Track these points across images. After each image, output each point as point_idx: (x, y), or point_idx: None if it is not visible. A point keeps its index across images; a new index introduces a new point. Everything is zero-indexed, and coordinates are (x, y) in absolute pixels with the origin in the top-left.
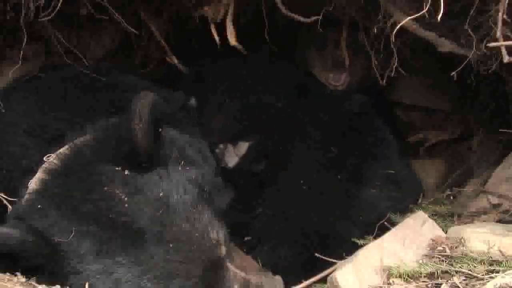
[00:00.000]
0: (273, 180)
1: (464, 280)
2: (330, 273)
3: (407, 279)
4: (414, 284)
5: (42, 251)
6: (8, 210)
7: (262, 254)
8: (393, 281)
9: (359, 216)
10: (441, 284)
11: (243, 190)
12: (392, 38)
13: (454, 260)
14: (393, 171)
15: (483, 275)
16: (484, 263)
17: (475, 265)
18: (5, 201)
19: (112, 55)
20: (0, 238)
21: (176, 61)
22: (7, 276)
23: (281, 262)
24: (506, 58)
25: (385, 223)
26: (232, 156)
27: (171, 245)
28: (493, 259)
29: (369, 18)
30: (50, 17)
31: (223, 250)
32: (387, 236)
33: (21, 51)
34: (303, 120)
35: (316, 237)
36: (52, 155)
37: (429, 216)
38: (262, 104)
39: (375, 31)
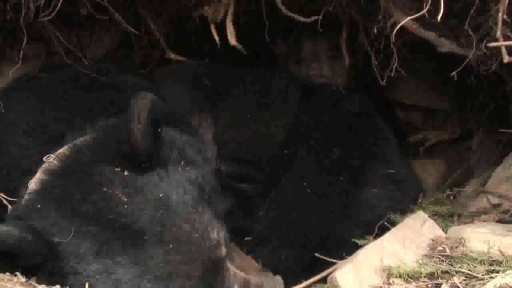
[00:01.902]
0: (275, 182)
1: (464, 280)
2: (330, 273)
3: (407, 279)
4: (414, 284)
5: (41, 251)
6: (8, 210)
7: (263, 255)
8: (393, 281)
9: (359, 217)
10: (441, 284)
11: (243, 196)
12: (392, 38)
13: (454, 260)
14: (393, 171)
15: (483, 275)
16: (484, 263)
17: (475, 265)
18: (5, 201)
19: (112, 55)
20: None
21: (172, 55)
22: (7, 276)
23: (282, 263)
24: (506, 58)
25: (385, 223)
26: None
27: (171, 246)
28: (493, 259)
29: (369, 18)
30: (50, 17)
31: (223, 250)
32: (387, 236)
33: (21, 51)
34: (305, 122)
35: (317, 238)
36: (52, 155)
37: (429, 216)
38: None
39: (375, 31)
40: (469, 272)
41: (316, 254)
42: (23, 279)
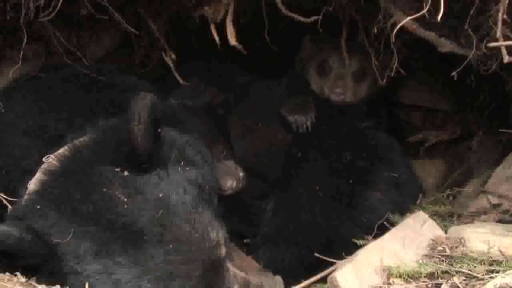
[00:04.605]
0: (279, 185)
1: (464, 280)
2: (330, 273)
3: (407, 279)
4: (414, 284)
5: (41, 251)
6: (8, 210)
7: (266, 255)
8: (393, 281)
9: (363, 219)
10: (441, 284)
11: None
12: (392, 38)
13: (454, 260)
14: (396, 175)
15: (483, 275)
16: (484, 263)
17: (475, 265)
18: (5, 201)
19: (112, 55)
20: None
21: (173, 57)
22: (7, 276)
23: (284, 263)
24: (506, 58)
25: (385, 223)
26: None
27: (171, 246)
28: (493, 259)
29: (369, 18)
30: (50, 17)
31: (223, 250)
32: (387, 236)
33: (21, 51)
34: (316, 127)
35: (323, 240)
36: (52, 155)
37: (429, 216)
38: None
39: (375, 31)
40: (469, 272)
41: (316, 254)
42: (23, 279)
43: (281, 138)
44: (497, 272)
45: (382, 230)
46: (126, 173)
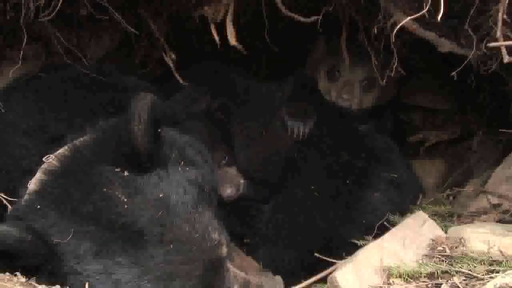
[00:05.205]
0: (279, 187)
1: (464, 280)
2: (330, 273)
3: (407, 279)
4: (414, 284)
5: (41, 251)
6: (8, 210)
7: (266, 255)
8: (393, 281)
9: (362, 220)
10: (441, 284)
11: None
12: (392, 38)
13: (454, 260)
14: (395, 175)
15: (483, 275)
16: (484, 263)
17: (475, 265)
18: (5, 201)
19: (112, 55)
20: None
21: (173, 57)
22: (7, 276)
23: (284, 264)
24: (506, 58)
25: (385, 223)
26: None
27: (171, 246)
28: (493, 259)
29: (369, 18)
30: (50, 17)
31: (224, 250)
32: (387, 236)
33: (21, 51)
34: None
35: (322, 241)
36: (52, 155)
37: (429, 216)
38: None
39: (375, 31)
40: (469, 272)
41: (316, 254)
42: (23, 279)
43: (284, 142)
44: (497, 272)
45: (382, 230)
46: (126, 173)
